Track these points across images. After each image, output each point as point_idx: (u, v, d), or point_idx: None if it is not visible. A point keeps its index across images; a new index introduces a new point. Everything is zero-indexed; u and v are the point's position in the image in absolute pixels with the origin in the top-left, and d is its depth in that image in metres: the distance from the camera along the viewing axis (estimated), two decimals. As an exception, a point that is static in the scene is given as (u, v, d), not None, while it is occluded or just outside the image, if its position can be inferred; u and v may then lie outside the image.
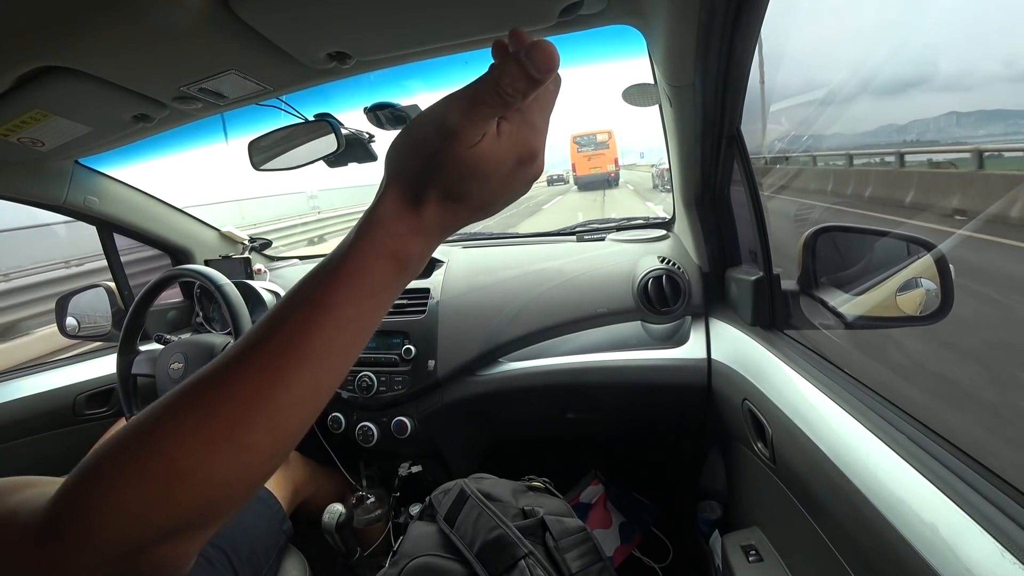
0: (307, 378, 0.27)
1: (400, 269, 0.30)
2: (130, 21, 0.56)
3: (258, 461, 0.27)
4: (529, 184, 0.32)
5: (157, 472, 0.25)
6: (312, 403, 0.28)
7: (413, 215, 0.29)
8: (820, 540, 0.58)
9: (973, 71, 30.19)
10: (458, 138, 0.27)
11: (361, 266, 0.29)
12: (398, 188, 0.29)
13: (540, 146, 0.30)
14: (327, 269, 0.29)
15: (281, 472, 1.14)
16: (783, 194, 6.60)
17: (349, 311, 0.28)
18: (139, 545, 0.25)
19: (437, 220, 0.30)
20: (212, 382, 0.27)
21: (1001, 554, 0.38)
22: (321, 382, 0.28)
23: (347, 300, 0.28)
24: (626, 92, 0.95)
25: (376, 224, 0.29)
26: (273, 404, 0.27)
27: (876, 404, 0.59)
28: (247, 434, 0.26)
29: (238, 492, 0.28)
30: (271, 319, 0.29)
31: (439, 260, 1.27)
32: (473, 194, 0.29)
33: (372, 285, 0.29)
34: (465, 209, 0.30)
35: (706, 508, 1.01)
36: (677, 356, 0.99)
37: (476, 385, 1.10)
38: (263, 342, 0.28)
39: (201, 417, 0.26)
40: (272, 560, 0.99)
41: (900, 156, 7.10)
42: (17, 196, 1.06)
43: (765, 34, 0.66)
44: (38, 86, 0.67)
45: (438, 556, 0.73)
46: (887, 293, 0.74)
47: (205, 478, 0.25)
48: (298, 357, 0.27)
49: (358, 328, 0.29)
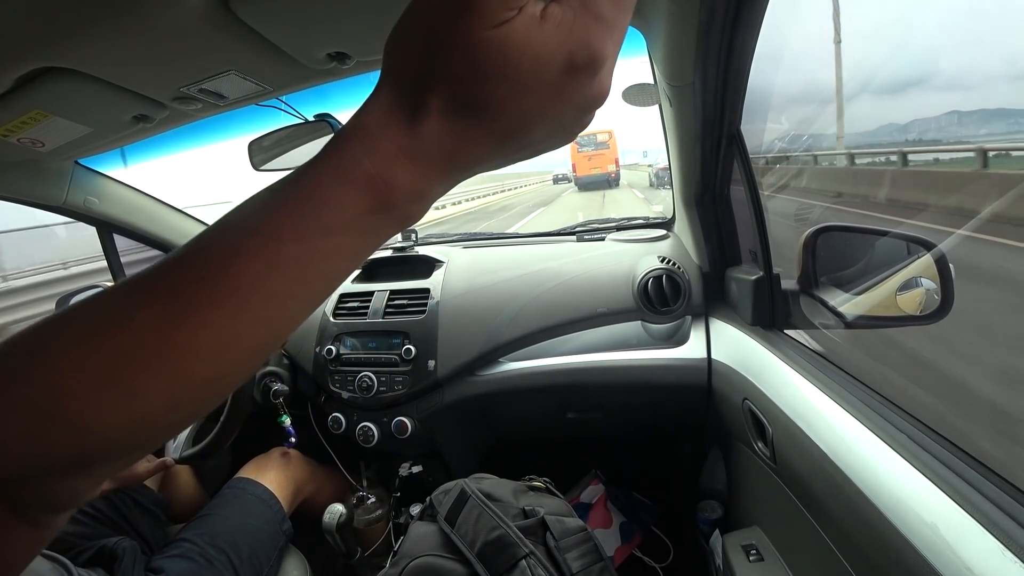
0: (222, 323, 0.21)
1: (378, 203, 0.22)
2: (130, 22, 0.56)
3: (150, 411, 0.21)
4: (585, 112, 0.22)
5: (18, 402, 0.20)
6: (229, 355, 0.22)
7: (405, 129, 0.21)
8: (821, 539, 0.58)
9: (974, 70, 30.19)
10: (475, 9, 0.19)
11: (319, 190, 0.21)
12: (390, 91, 0.22)
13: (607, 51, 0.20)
14: (279, 188, 0.22)
15: (282, 472, 1.14)
16: (783, 193, 6.60)
17: (292, 248, 0.21)
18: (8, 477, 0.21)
19: (440, 141, 0.21)
20: (104, 307, 0.22)
21: (1002, 553, 0.38)
22: (243, 332, 0.22)
23: (292, 233, 0.21)
24: (625, 92, 0.95)
25: (353, 137, 0.22)
26: (172, 347, 0.21)
27: (876, 403, 0.59)
28: (135, 377, 0.20)
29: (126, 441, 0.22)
30: (194, 243, 0.22)
31: (439, 260, 1.27)
32: (495, 105, 0.20)
33: (332, 219, 0.21)
34: (481, 129, 0.21)
35: (706, 508, 1.01)
36: (677, 356, 0.99)
37: (476, 385, 1.10)
38: (174, 268, 0.22)
39: (81, 346, 0.21)
40: (272, 560, 0.99)
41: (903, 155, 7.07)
42: (17, 197, 1.06)
43: (765, 33, 0.66)
44: (38, 87, 0.67)
45: (439, 556, 0.73)
46: (887, 293, 0.74)
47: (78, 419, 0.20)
48: (212, 294, 0.21)
49: (304, 273, 0.22)
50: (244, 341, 0.22)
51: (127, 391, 0.20)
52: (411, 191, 0.22)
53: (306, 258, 0.22)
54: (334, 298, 1.26)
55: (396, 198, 0.22)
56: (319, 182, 0.22)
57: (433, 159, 0.22)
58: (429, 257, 1.29)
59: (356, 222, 0.22)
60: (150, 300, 0.21)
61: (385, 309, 1.20)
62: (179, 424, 0.23)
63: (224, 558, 0.90)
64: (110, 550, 0.86)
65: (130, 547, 0.88)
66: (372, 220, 0.22)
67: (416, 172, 0.22)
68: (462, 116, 0.21)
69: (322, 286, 0.23)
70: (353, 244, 0.23)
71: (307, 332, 1.25)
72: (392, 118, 0.21)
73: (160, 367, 0.21)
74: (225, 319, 0.21)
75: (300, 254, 0.22)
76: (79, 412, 0.20)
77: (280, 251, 0.21)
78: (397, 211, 0.22)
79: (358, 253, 0.24)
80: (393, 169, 0.21)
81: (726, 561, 0.77)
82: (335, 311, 1.24)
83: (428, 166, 0.22)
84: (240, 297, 0.21)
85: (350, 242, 0.23)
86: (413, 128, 0.21)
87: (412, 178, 0.22)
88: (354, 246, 0.23)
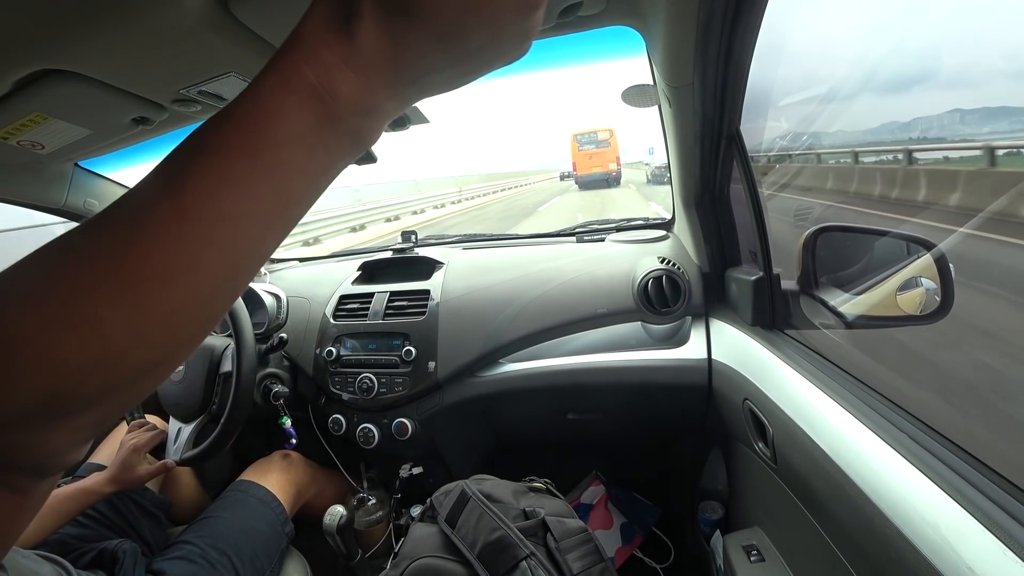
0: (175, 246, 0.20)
1: (324, 114, 0.22)
2: (129, 24, 0.56)
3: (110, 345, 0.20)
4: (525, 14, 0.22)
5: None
6: (188, 281, 0.21)
7: (342, 37, 0.21)
8: (822, 539, 0.58)
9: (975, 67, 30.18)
10: None
11: (264, 102, 0.21)
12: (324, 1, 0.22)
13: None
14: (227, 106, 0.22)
15: (283, 474, 1.14)
16: (784, 192, 6.59)
17: (240, 163, 0.21)
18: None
19: (377, 46, 0.21)
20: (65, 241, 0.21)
21: (1003, 552, 0.38)
22: (199, 256, 0.21)
23: (239, 148, 0.21)
24: (625, 93, 0.95)
25: (293, 48, 0.22)
26: (126, 272, 0.20)
27: (877, 403, 0.59)
28: (92, 306, 0.20)
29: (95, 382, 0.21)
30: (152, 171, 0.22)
31: (439, 262, 1.28)
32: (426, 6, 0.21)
33: (278, 131, 0.21)
34: (416, 32, 0.21)
35: (707, 508, 1.01)
36: (677, 356, 0.99)
37: (477, 386, 1.10)
38: (130, 195, 0.21)
39: (38, 279, 0.20)
40: (274, 562, 0.99)
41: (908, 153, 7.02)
42: (17, 198, 1.06)
43: (764, 32, 0.66)
44: (37, 89, 0.67)
45: (439, 557, 0.73)
46: (887, 292, 0.74)
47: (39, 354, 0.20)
48: (161, 216, 0.20)
49: (254, 189, 0.21)
50: (203, 266, 0.21)
51: (85, 322, 0.20)
52: (357, 102, 0.22)
53: (255, 173, 0.21)
54: (335, 300, 1.26)
55: (341, 110, 0.22)
56: (264, 94, 0.22)
57: (374, 67, 0.22)
58: (429, 258, 1.29)
59: (304, 135, 0.22)
60: (102, 229, 0.21)
61: (385, 311, 1.20)
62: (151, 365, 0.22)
63: (225, 560, 0.90)
64: (111, 552, 0.86)
65: (131, 549, 0.88)
66: (320, 134, 0.22)
67: (359, 82, 0.22)
68: (394, 19, 0.21)
69: (276, 205, 0.23)
70: (302, 158, 0.22)
71: (307, 334, 1.25)
72: (328, 27, 0.21)
73: (116, 294, 0.20)
74: (178, 241, 0.21)
75: (248, 169, 0.21)
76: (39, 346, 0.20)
77: (228, 166, 0.21)
78: (344, 124, 0.22)
79: (309, 170, 0.23)
80: (335, 78, 0.21)
81: (727, 562, 0.77)
82: (335, 313, 1.24)
83: (371, 75, 0.22)
84: (191, 216, 0.21)
85: (299, 156, 0.22)
86: (349, 35, 0.21)
87: (356, 88, 0.22)
88: (304, 161, 0.22)
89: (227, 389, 1.08)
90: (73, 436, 0.23)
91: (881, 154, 8.02)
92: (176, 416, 1.12)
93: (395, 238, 1.42)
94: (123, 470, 0.95)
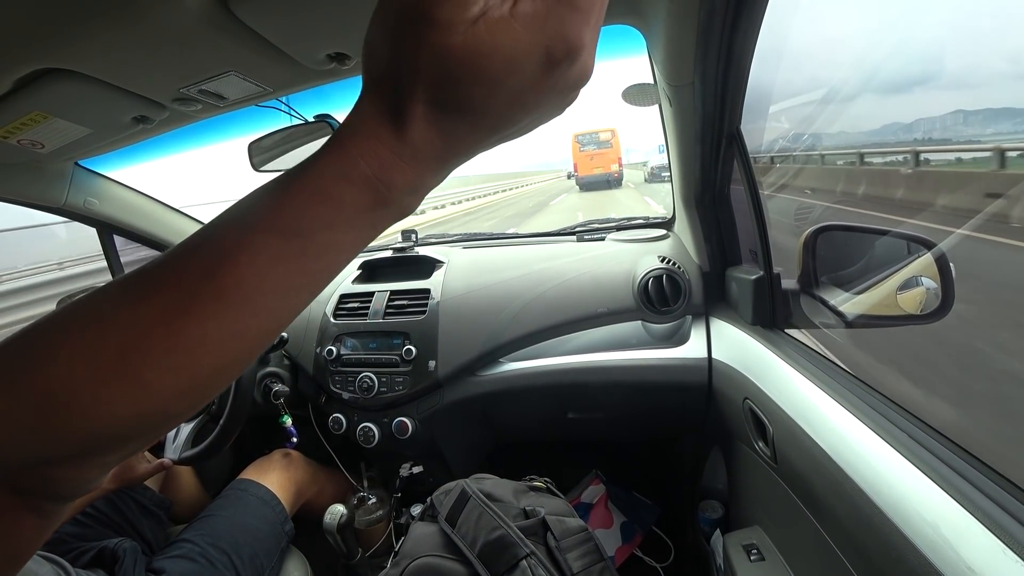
0: (227, 315, 0.22)
1: (378, 201, 0.23)
2: (129, 23, 0.56)
3: (156, 402, 0.22)
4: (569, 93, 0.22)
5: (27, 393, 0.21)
6: (231, 347, 0.22)
7: (394, 136, 0.22)
8: (822, 539, 0.58)
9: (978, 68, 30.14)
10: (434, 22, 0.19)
11: (323, 188, 0.22)
12: (372, 100, 0.22)
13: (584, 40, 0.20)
14: (278, 186, 0.23)
15: (283, 473, 1.14)
16: (784, 192, 6.57)
17: (295, 243, 0.22)
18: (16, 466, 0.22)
19: (429, 142, 0.22)
20: (114, 300, 0.22)
21: (1003, 551, 0.38)
22: (247, 324, 0.22)
23: (295, 229, 0.22)
24: (626, 92, 0.95)
25: (349, 141, 0.22)
26: (178, 341, 0.21)
27: (877, 402, 0.59)
28: (143, 370, 0.21)
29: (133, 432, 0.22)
30: (198, 236, 0.23)
31: (439, 261, 1.28)
32: (477, 105, 0.21)
33: (333, 216, 0.22)
34: (468, 126, 0.22)
35: (707, 507, 1.01)
36: (678, 356, 0.99)
37: (477, 385, 1.10)
38: (180, 262, 0.22)
39: (91, 339, 0.21)
40: (274, 561, 0.99)
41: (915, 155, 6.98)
42: (17, 198, 1.06)
43: (765, 32, 0.66)
44: (38, 88, 0.67)
45: (440, 556, 0.73)
46: (887, 292, 0.74)
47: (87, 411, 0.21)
48: (218, 288, 0.21)
49: (305, 266, 0.23)
50: (249, 332, 0.23)
51: (135, 384, 0.21)
52: (409, 188, 0.23)
53: (308, 252, 0.22)
54: (335, 299, 1.26)
55: (394, 196, 0.23)
56: (320, 180, 0.22)
57: (425, 158, 0.22)
58: (429, 257, 1.29)
59: (356, 219, 0.23)
60: (157, 293, 0.22)
61: (385, 310, 1.20)
62: (184, 413, 0.24)
63: (225, 559, 0.90)
64: (111, 551, 0.86)
65: (131, 548, 0.88)
66: (371, 216, 0.23)
67: (411, 172, 0.22)
68: (446, 118, 0.21)
69: (322, 277, 0.24)
70: (353, 238, 0.24)
71: (308, 333, 1.25)
72: (381, 126, 0.22)
73: (167, 360, 0.21)
74: (230, 311, 0.22)
75: (302, 249, 0.22)
76: (87, 404, 0.21)
77: (283, 246, 0.22)
78: (396, 206, 0.23)
79: (357, 246, 0.24)
80: (390, 171, 0.22)
81: (727, 561, 0.77)
82: (336, 312, 1.24)
83: (421, 165, 0.23)
84: (244, 290, 0.22)
85: (350, 237, 0.23)
86: (401, 134, 0.22)
87: (409, 178, 0.23)
88: (353, 240, 0.24)
89: (227, 388, 1.08)
90: (103, 470, 0.24)
91: (887, 155, 7.99)
92: (176, 415, 1.12)
93: (394, 238, 1.42)
94: (122, 468, 0.95)
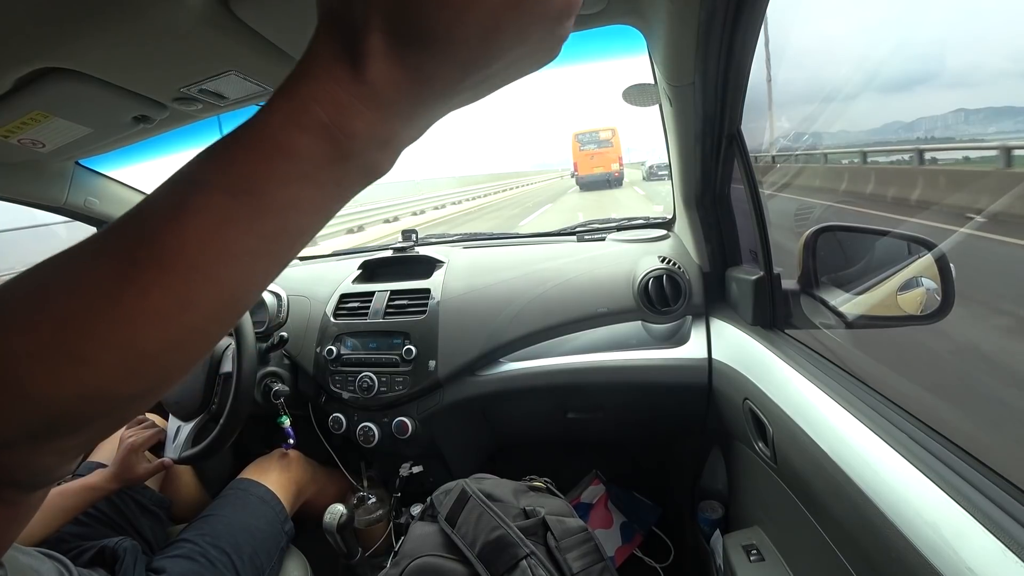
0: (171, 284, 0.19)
1: (337, 152, 0.20)
2: (130, 23, 0.56)
3: (100, 380, 0.19)
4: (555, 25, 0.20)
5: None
6: (184, 319, 0.20)
7: (351, 75, 0.19)
8: (821, 539, 0.58)
9: (980, 67, 30.12)
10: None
11: (273, 138, 0.20)
12: (327, 37, 0.20)
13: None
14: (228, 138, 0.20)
15: (283, 473, 1.14)
16: (785, 192, 6.56)
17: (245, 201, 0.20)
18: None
19: (392, 82, 0.19)
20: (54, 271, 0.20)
21: (1003, 552, 0.38)
22: (196, 293, 0.20)
23: (244, 185, 0.19)
24: (626, 92, 0.95)
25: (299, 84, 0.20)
26: (120, 312, 0.19)
27: (877, 403, 0.59)
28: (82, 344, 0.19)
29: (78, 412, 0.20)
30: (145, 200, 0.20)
31: (439, 261, 1.28)
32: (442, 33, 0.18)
33: (287, 169, 0.20)
34: (435, 61, 0.19)
35: (707, 508, 1.01)
36: (678, 356, 0.99)
37: (477, 385, 1.10)
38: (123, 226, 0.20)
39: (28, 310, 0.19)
40: (274, 561, 0.99)
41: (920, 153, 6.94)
42: (18, 197, 1.06)
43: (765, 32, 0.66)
44: (38, 88, 0.67)
45: (439, 556, 0.73)
46: (888, 292, 0.73)
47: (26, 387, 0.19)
48: (159, 253, 0.19)
49: (260, 228, 0.20)
50: (200, 302, 0.20)
51: (74, 359, 0.19)
52: (372, 138, 0.20)
53: (262, 213, 0.20)
54: (335, 299, 1.26)
55: (356, 146, 0.20)
56: (269, 129, 0.20)
57: (391, 102, 0.20)
58: (429, 257, 1.29)
59: (314, 173, 0.20)
60: (98, 260, 0.20)
61: (386, 309, 1.20)
62: (141, 394, 0.21)
63: (225, 558, 0.90)
64: (111, 550, 0.86)
65: (131, 547, 0.88)
66: (332, 170, 0.20)
67: (374, 118, 0.20)
68: (409, 52, 0.19)
69: (284, 241, 0.21)
70: (312, 196, 0.21)
71: (308, 333, 1.25)
72: (335, 64, 0.19)
73: (109, 333, 0.19)
74: (175, 279, 0.19)
75: (255, 208, 0.20)
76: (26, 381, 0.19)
77: (231, 205, 0.19)
78: (359, 160, 0.21)
79: (321, 207, 0.22)
80: (347, 116, 0.19)
81: (727, 561, 0.77)
82: (336, 312, 1.24)
83: (387, 110, 0.20)
84: (189, 255, 0.19)
85: (309, 194, 0.21)
86: (358, 73, 0.19)
87: (370, 124, 0.20)
88: (314, 198, 0.21)
89: (227, 388, 1.08)
90: (62, 456, 0.22)
91: (891, 154, 7.97)
92: (176, 414, 1.12)
93: (395, 238, 1.42)
94: (123, 468, 0.95)
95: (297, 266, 1.58)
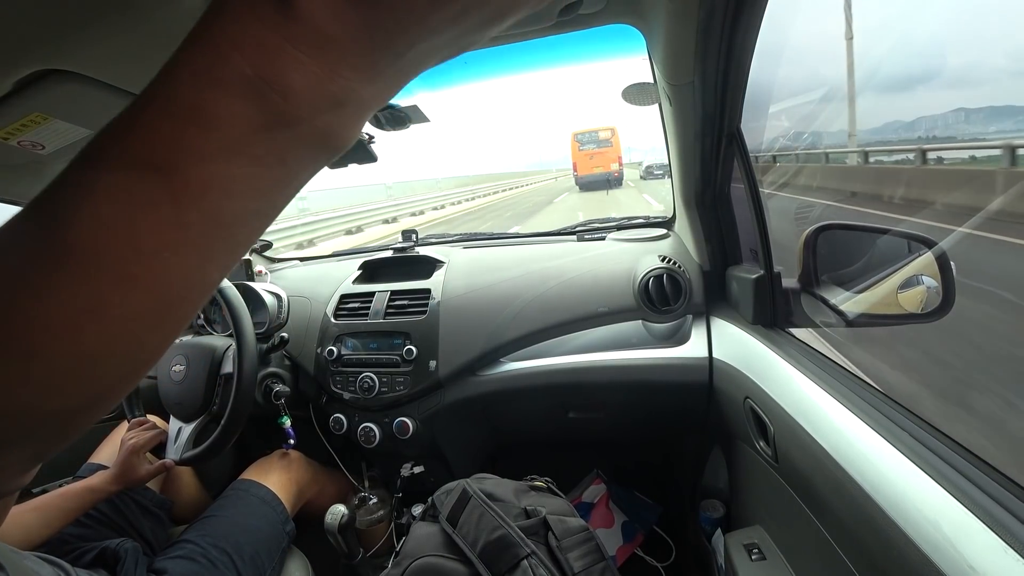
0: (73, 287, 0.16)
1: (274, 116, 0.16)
2: (130, 24, 0.57)
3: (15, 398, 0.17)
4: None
5: None
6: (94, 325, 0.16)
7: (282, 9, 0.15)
8: (823, 538, 0.58)
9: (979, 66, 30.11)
10: None
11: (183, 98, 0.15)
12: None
13: None
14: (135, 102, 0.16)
15: (284, 473, 1.14)
16: (784, 191, 6.56)
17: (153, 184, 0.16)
18: None
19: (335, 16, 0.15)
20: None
21: (1004, 550, 0.38)
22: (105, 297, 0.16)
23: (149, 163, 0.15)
24: (625, 91, 0.95)
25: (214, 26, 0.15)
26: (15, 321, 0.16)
27: (878, 401, 0.59)
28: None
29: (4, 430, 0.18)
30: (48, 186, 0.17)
31: (440, 261, 1.28)
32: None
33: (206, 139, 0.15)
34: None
35: (708, 507, 1.01)
36: (678, 355, 0.99)
37: (478, 385, 1.10)
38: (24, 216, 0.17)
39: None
40: (275, 561, 0.99)
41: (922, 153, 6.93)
42: (17, 199, 1.06)
43: (765, 31, 0.66)
44: (38, 89, 0.67)
45: (441, 556, 0.73)
46: (888, 291, 0.73)
47: None
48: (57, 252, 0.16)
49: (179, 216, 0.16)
50: (110, 307, 0.16)
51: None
52: (318, 96, 0.16)
53: (178, 195, 0.16)
54: (335, 299, 1.26)
55: (298, 108, 0.16)
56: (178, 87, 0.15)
57: (335, 44, 0.15)
58: (429, 257, 1.29)
59: (244, 144, 0.16)
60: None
61: (386, 310, 1.20)
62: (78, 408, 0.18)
63: (227, 559, 0.90)
64: (112, 551, 0.86)
65: (132, 548, 0.88)
66: (269, 141, 0.16)
67: (319, 68, 0.15)
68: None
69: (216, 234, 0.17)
70: (248, 175, 0.16)
71: (308, 333, 1.25)
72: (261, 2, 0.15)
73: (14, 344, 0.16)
74: (77, 281, 0.16)
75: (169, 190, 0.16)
76: None
77: (138, 187, 0.16)
78: (305, 126, 0.16)
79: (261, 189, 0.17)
80: (280, 67, 0.15)
81: (728, 560, 0.77)
82: (336, 312, 1.24)
83: (332, 56, 0.15)
84: (91, 251, 0.16)
85: (239, 172, 0.16)
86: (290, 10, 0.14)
87: (313, 76, 0.15)
88: (250, 178, 0.16)
89: (228, 389, 1.08)
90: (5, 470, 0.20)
91: (892, 153, 7.97)
92: (177, 416, 1.12)
93: (395, 238, 1.43)
94: (124, 470, 0.95)
95: (297, 267, 1.58)
